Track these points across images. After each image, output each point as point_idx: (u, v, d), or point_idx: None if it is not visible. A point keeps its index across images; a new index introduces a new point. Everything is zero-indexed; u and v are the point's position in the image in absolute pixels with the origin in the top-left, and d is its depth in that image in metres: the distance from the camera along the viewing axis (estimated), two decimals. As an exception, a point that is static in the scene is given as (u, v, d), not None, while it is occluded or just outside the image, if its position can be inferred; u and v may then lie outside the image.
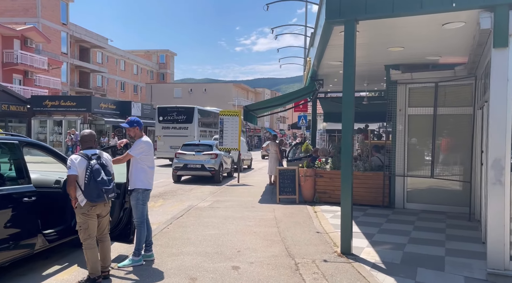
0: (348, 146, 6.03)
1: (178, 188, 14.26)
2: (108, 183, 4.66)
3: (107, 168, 4.78)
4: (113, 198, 4.85)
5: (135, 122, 5.57)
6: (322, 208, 9.56)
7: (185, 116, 23.82)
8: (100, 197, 4.59)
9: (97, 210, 4.71)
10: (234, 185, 14.73)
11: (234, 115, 15.18)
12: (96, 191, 4.55)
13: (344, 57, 5.90)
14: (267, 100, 11.60)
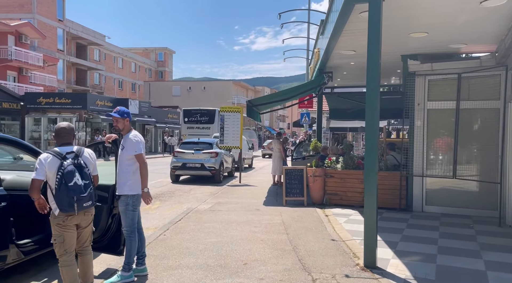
0: (374, 141, 5.23)
1: (177, 188, 13.45)
2: (83, 190, 3.79)
3: (84, 169, 3.89)
4: (89, 207, 3.96)
5: (125, 112, 4.75)
6: (333, 211, 8.75)
7: (208, 117, 26.73)
8: (70, 206, 3.74)
9: (74, 220, 3.88)
10: (235, 185, 13.92)
11: (236, 112, 14.36)
12: (67, 199, 3.70)
13: (369, 37, 5.09)
14: (272, 94, 10.80)
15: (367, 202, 5.17)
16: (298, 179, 9.59)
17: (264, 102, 11.31)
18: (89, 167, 3.97)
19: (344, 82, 13.38)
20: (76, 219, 3.87)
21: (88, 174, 3.89)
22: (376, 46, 5.05)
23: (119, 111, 4.71)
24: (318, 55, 10.08)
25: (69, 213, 3.77)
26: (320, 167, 9.43)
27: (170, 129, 37.30)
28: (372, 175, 5.15)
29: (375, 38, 5.03)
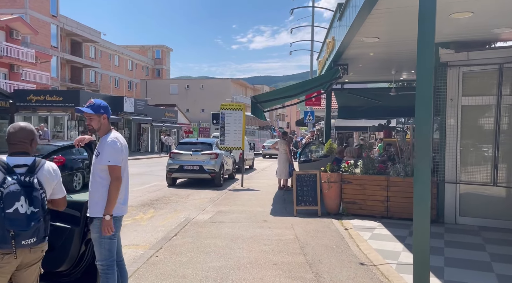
0: (426, 140, 4.07)
1: (173, 193, 12.27)
2: (26, 221, 2.59)
3: (36, 192, 2.68)
4: (33, 245, 2.71)
5: (101, 107, 3.57)
6: (352, 223, 7.60)
7: None
8: (4, 242, 2.57)
9: (13, 260, 2.66)
10: (237, 190, 12.75)
11: (237, 109, 13.19)
12: (1, 231, 2.56)
13: (420, 10, 3.93)
14: (280, 89, 9.64)
15: (418, 219, 4.03)
16: (310, 185, 8.43)
17: (270, 98, 10.15)
18: (45, 189, 2.76)
19: (356, 77, 12.23)
20: (15, 260, 2.67)
21: (41, 199, 2.68)
22: (431, 22, 3.90)
23: (93, 106, 3.54)
24: (332, 45, 8.91)
25: (3, 250, 2.60)
26: (336, 172, 8.27)
27: (167, 128, 36.09)
28: (424, 183, 4.01)
29: (428, 9, 3.88)
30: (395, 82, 11.17)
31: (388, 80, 12.94)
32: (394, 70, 10.75)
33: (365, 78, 12.91)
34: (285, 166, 12.20)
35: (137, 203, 10.42)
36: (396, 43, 7.86)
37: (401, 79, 12.54)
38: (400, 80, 12.61)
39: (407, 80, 12.58)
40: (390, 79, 12.40)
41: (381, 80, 13.27)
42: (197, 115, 55.96)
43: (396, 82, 13.07)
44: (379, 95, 12.96)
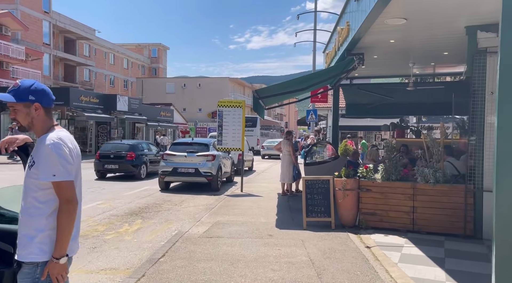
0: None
1: (165, 199, 11.08)
2: None
3: None
4: None
5: (31, 91, 2.34)
6: (374, 238, 6.43)
7: (252, 123, 34.53)
8: None
9: None
10: (237, 195, 11.56)
11: (237, 107, 12.00)
12: None
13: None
14: (284, 83, 8.48)
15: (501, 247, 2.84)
16: (323, 193, 7.25)
17: (273, 93, 8.97)
18: None
19: (368, 71, 11.07)
20: None
21: None
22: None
23: (17, 89, 2.32)
24: (346, 31, 7.73)
25: None
26: (352, 178, 7.10)
27: (162, 128, 34.86)
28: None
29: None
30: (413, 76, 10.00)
31: (402, 75, 11.79)
32: (412, 62, 9.59)
33: (377, 72, 11.75)
34: (288, 169, 11.02)
35: (123, 211, 9.23)
36: (427, 26, 6.70)
37: (418, 74, 11.37)
38: (417, 74, 11.44)
39: (424, 74, 11.40)
40: (404, 73, 11.25)
41: (395, 75, 12.12)
42: (194, 114, 54.76)
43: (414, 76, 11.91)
44: (392, 91, 11.80)
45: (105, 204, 10.14)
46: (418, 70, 10.82)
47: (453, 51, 8.36)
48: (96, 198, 10.93)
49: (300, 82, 8.80)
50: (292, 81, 8.55)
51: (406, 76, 11.85)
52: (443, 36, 7.25)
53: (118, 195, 11.63)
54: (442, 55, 8.71)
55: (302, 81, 8.80)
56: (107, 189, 12.78)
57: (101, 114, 27.01)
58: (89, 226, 7.66)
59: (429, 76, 12.05)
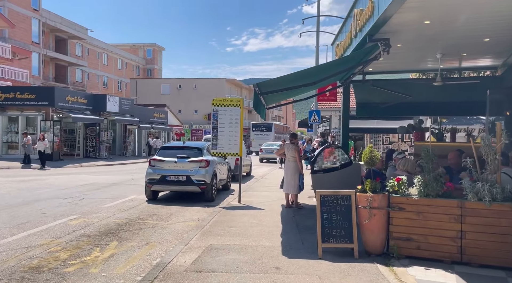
0: None
1: (151, 212, 9.56)
2: None
3: None
4: None
5: None
6: (413, 274, 4.93)
7: (267, 128, 40.85)
8: None
9: None
10: (234, 207, 10.04)
11: (234, 106, 10.50)
12: None
13: None
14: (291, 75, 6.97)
15: None
16: (342, 212, 5.75)
17: (277, 88, 7.47)
18: None
19: (387, 64, 9.59)
20: None
21: None
22: None
23: None
24: (370, 10, 6.25)
25: None
26: (380, 193, 5.61)
27: (156, 130, 33.28)
28: None
29: None
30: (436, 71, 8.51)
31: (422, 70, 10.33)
32: (440, 52, 8.12)
33: (395, 67, 10.28)
34: (294, 177, 9.53)
35: (98, 230, 7.69)
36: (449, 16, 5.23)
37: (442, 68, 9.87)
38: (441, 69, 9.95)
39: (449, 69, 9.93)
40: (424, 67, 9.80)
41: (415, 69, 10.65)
42: (190, 116, 53.24)
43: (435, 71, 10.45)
44: (411, 88, 10.36)
45: (79, 219, 8.60)
46: (443, 63, 9.34)
47: (496, 39, 6.90)
48: (70, 212, 9.39)
49: (309, 74, 7.31)
50: (300, 73, 7.05)
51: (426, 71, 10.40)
52: (490, 16, 5.79)
53: (97, 207, 10.10)
54: (480, 43, 7.24)
55: (312, 74, 7.32)
56: (87, 199, 11.25)
57: (89, 115, 25.43)
58: (48, 253, 6.12)
59: (455, 71, 10.59)
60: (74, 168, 21.05)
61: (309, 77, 7.60)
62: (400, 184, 5.52)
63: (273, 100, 9.69)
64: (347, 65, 7.35)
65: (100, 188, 13.64)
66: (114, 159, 26.31)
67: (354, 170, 9.52)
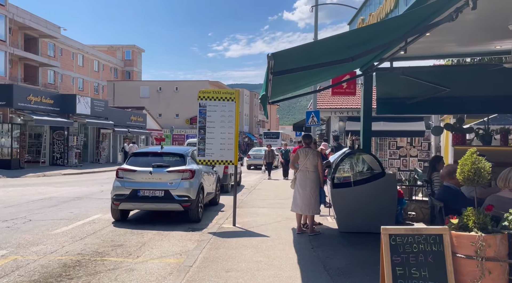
0: None
1: (116, 241, 7.02)
2: None
3: None
4: None
5: None
6: None
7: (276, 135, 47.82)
8: None
9: None
10: (228, 233, 7.55)
11: (228, 99, 8.07)
12: None
13: None
14: (321, 41, 4.58)
15: None
16: (429, 265, 3.37)
17: (297, 64, 5.04)
18: None
19: (432, 45, 7.29)
20: None
21: None
22: None
23: None
24: None
25: None
26: (497, 233, 3.24)
27: (133, 135, 30.45)
28: None
29: None
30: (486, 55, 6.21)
31: (480, 53, 8.05)
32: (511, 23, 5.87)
33: (442, 49, 7.96)
34: (315, 194, 7.11)
35: (29, 278, 5.11)
36: None
37: (496, 48, 7.62)
38: (493, 52, 7.70)
39: (504, 51, 7.67)
40: (484, 49, 7.56)
41: (470, 53, 8.32)
42: (171, 120, 50.41)
43: (480, 55, 8.23)
44: (456, 77, 8.14)
45: (8, 258, 6.01)
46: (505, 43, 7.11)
47: None
48: (1, 243, 6.76)
49: (343, 45, 4.94)
50: (330, 41, 4.65)
51: (481, 55, 8.15)
52: None
53: (43, 234, 7.50)
54: None
55: (347, 44, 4.94)
56: (34, 221, 8.62)
57: (56, 117, 22.52)
58: None
59: None
60: (34, 178, 18.16)
61: (344, 49, 5.23)
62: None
63: (279, 90, 7.29)
64: (404, 28, 5.01)
65: (57, 204, 10.98)
66: (84, 167, 23.44)
67: (388, 183, 7.21)
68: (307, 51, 4.80)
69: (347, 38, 4.98)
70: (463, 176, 3.46)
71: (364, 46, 5.19)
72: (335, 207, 7.38)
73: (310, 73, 6.83)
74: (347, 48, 5.22)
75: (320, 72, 7.23)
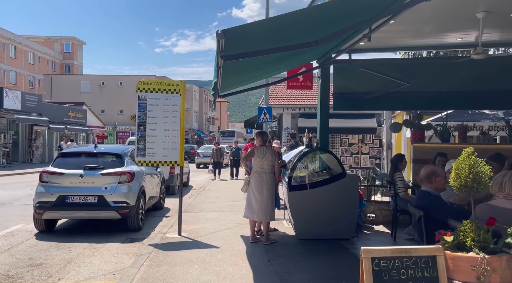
0: None
1: (35, 259, 5.86)
2: None
3: None
4: None
5: None
6: None
7: (231, 134, 46.32)
8: None
9: None
10: (172, 244, 6.59)
11: (172, 92, 7.11)
12: None
13: None
14: (278, 18, 3.84)
15: None
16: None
17: (253, 47, 4.23)
18: None
19: (393, 37, 6.80)
20: None
21: None
22: None
23: None
24: None
25: None
26: (502, 254, 2.62)
27: (71, 132, 28.22)
28: None
29: None
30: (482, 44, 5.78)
31: (445, 45, 7.66)
32: (484, 10, 5.45)
33: (403, 41, 7.48)
34: (271, 197, 6.36)
35: None
36: None
37: (462, 43, 7.27)
38: (460, 44, 7.34)
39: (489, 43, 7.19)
40: (448, 42, 7.17)
41: (433, 45, 7.90)
42: (115, 117, 47.87)
43: (445, 48, 7.89)
44: (417, 71, 7.73)
45: None
46: (470, 35, 6.74)
47: None
48: None
49: (305, 24, 4.20)
50: (290, 16, 3.87)
51: (446, 47, 7.77)
52: None
53: None
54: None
55: (313, 23, 4.20)
56: None
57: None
58: None
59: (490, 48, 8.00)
60: None
61: (308, 32, 4.49)
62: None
63: (231, 82, 6.45)
64: (377, 6, 4.33)
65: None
66: (14, 168, 21.20)
67: (349, 184, 6.62)
68: (265, 29, 3.99)
69: (314, 12, 4.22)
70: (459, 183, 2.82)
71: (329, 27, 4.48)
72: (293, 212, 6.68)
73: (265, 62, 6.05)
74: (311, 31, 4.48)
75: (276, 62, 6.49)
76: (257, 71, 6.56)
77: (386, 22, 5.20)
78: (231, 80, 6.44)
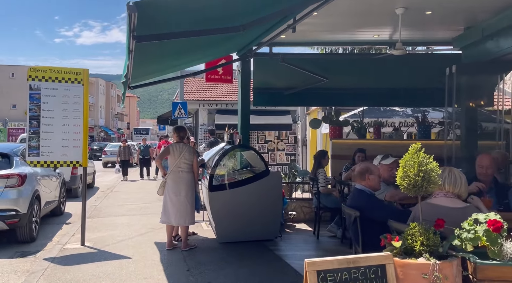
0: None
1: None
2: None
3: None
4: None
5: None
6: None
7: (145, 131, 43.26)
8: None
9: None
10: (74, 257, 5.67)
11: (72, 81, 6.14)
12: None
13: None
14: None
15: None
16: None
17: (173, 27, 3.64)
18: None
19: (314, 30, 6.64)
20: None
21: None
22: None
23: None
24: None
25: None
26: (452, 259, 2.42)
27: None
28: None
29: None
30: (401, 41, 5.79)
31: (362, 42, 7.71)
32: (402, 6, 5.49)
33: (323, 35, 7.38)
34: (190, 199, 5.78)
35: None
36: None
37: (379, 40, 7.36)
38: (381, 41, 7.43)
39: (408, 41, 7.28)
40: (366, 38, 7.21)
41: (352, 41, 7.91)
42: (6, 112, 42.87)
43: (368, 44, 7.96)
44: (339, 67, 7.72)
45: None
46: (390, 32, 6.82)
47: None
48: None
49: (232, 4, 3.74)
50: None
51: (363, 43, 7.84)
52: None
53: None
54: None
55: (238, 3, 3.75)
56: None
57: None
58: None
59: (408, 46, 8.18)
60: None
61: (236, 15, 4.03)
62: (494, 237, 2.42)
63: (145, 70, 5.72)
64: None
65: None
66: None
67: (273, 183, 6.33)
68: (188, 6, 3.41)
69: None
70: (408, 182, 2.57)
71: (258, 12, 4.07)
72: (213, 213, 6.18)
73: (183, 50, 5.47)
74: (239, 15, 4.02)
75: (195, 50, 5.93)
76: (173, 60, 5.94)
77: (311, 13, 4.96)
78: (144, 69, 5.72)
